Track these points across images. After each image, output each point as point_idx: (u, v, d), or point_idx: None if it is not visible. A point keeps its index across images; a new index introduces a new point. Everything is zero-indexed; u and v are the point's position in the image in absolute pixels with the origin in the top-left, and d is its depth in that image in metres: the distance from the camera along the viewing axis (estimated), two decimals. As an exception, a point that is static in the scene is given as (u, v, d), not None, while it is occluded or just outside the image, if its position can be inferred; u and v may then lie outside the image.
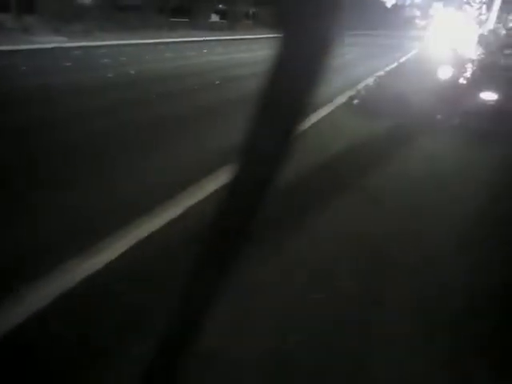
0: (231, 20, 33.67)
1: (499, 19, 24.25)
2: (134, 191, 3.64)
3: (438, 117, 6.99)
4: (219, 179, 3.73)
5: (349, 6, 0.41)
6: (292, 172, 3.38)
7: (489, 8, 21.39)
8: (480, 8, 23.57)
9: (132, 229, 2.92)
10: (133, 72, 10.54)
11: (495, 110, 6.45)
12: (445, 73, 9.01)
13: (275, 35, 0.44)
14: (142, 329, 2.01)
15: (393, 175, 4.45)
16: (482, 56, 9.66)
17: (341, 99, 8.02)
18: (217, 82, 9.64)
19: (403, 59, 17.03)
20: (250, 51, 17.70)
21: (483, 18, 21.68)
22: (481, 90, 6.82)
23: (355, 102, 7.78)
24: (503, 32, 19.57)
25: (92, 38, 17.61)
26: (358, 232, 3.17)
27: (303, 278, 2.54)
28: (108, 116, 6.18)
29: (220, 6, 34.02)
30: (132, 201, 3.42)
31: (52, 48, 14.19)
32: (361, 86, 9.43)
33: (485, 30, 20.68)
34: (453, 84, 8.27)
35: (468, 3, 25.70)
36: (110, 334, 2.01)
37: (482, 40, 11.68)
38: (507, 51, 9.28)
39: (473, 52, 10.75)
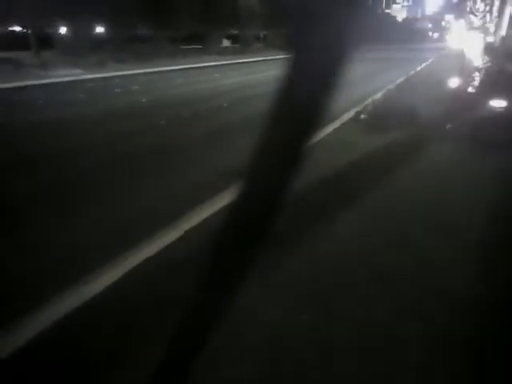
0: (242, 44, 34.29)
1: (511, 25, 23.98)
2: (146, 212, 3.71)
3: (448, 126, 6.92)
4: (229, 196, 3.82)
5: (360, 22, 0.41)
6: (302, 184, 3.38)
7: (499, 15, 21.20)
8: (484, 17, 23.38)
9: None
10: (144, 100, 10.78)
11: (504, 118, 6.35)
12: (453, 82, 8.94)
13: (285, 56, 0.45)
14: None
15: (402, 186, 4.41)
16: (489, 64, 9.57)
17: (348, 115, 8.02)
18: (225, 105, 9.77)
19: (413, 72, 16.97)
20: (260, 72, 17.93)
21: (489, 26, 21.49)
22: (489, 98, 6.73)
23: (362, 116, 7.76)
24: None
25: (106, 69, 18.17)
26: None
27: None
28: (118, 143, 6.33)
29: (232, 30, 34.76)
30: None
31: (67, 81, 14.68)
32: (368, 101, 9.42)
33: (497, 37, 20.47)
34: (461, 93, 8.19)
35: (472, 13, 25.53)
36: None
37: (490, 48, 11.59)
38: (514, 57, 9.18)
39: (480, 60, 10.67)
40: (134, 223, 3.56)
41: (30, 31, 21.73)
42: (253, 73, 18.23)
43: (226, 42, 35.26)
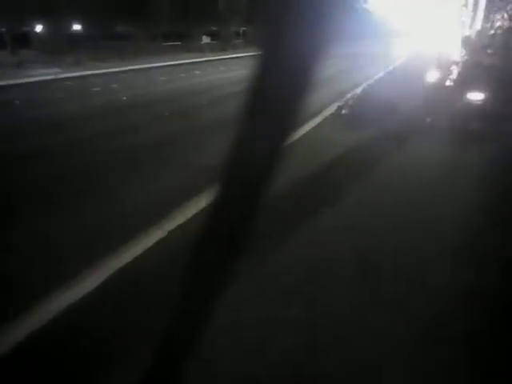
0: (222, 40, 34.13)
1: (487, 19, 24.36)
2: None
3: (427, 120, 7.01)
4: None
5: (336, 17, 0.41)
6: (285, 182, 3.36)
7: (474, 9, 21.53)
8: (460, 10, 23.75)
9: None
10: (124, 98, 10.65)
11: (482, 110, 6.46)
12: (432, 76, 9.04)
13: (261, 52, 0.45)
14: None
15: (382, 178, 4.46)
16: (466, 57, 9.72)
17: (329, 110, 8.06)
18: (205, 103, 9.72)
19: (391, 67, 17.13)
20: (239, 69, 17.85)
21: (465, 19, 21.83)
22: (467, 91, 6.84)
23: (343, 112, 7.81)
24: (491, 32, 19.64)
25: (84, 67, 17.88)
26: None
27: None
28: (98, 143, 6.23)
29: (211, 27, 34.51)
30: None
31: (44, 80, 14.41)
32: (349, 95, 9.48)
33: (472, 31, 20.81)
34: (440, 86, 8.29)
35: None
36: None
37: (466, 41, 11.79)
38: (490, 50, 9.33)
39: (457, 54, 10.83)
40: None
41: (5, 30, 21.25)
42: (232, 70, 18.17)
43: (205, 39, 34.95)
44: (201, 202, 3.69)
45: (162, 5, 27.19)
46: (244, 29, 37.43)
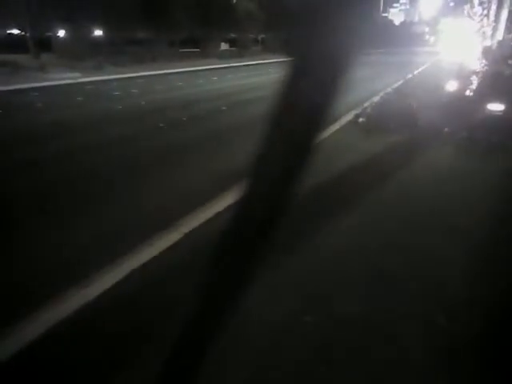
0: (240, 47, 34.37)
1: (509, 30, 24.02)
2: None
3: (446, 130, 6.93)
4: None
5: (357, 26, 0.42)
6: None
7: (496, 19, 21.33)
8: (481, 21, 23.45)
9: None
10: (143, 103, 10.77)
11: (502, 121, 6.37)
12: (451, 86, 8.96)
13: (283, 59, 0.46)
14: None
15: (398, 191, 4.42)
16: (487, 67, 9.61)
17: (347, 118, 8.03)
18: (224, 108, 9.78)
19: (410, 76, 16.99)
20: (258, 76, 17.98)
21: (486, 29, 21.58)
22: (487, 102, 6.75)
23: (360, 120, 7.77)
24: (512, 43, 19.42)
25: (104, 72, 18.16)
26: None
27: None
28: (117, 147, 6.32)
29: (230, 34, 34.79)
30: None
31: (65, 84, 14.69)
32: (367, 104, 9.42)
33: (494, 41, 20.59)
34: (459, 97, 8.21)
35: (469, 16, 25.62)
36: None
37: (487, 51, 11.64)
38: (511, 61, 9.22)
39: (477, 64, 10.70)
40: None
41: (28, 34, 21.72)
42: (251, 76, 18.25)
43: (224, 46, 35.25)
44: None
45: (181, 12, 27.48)
46: (263, 36, 37.65)
